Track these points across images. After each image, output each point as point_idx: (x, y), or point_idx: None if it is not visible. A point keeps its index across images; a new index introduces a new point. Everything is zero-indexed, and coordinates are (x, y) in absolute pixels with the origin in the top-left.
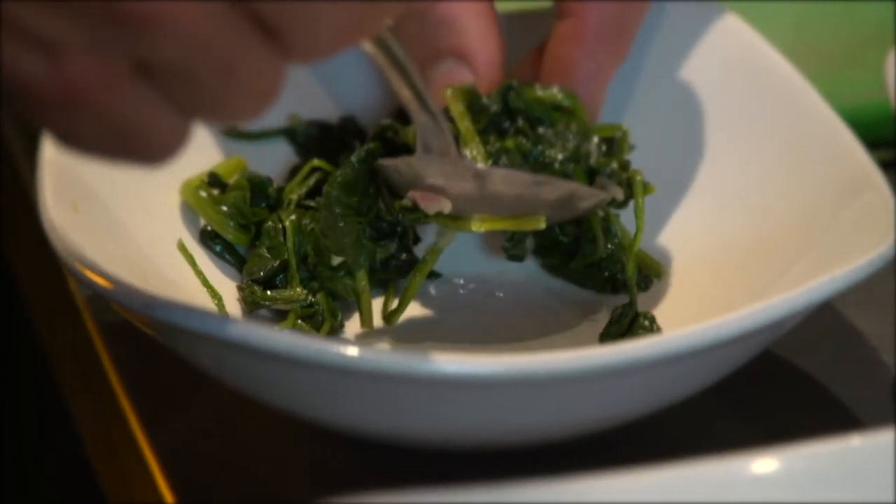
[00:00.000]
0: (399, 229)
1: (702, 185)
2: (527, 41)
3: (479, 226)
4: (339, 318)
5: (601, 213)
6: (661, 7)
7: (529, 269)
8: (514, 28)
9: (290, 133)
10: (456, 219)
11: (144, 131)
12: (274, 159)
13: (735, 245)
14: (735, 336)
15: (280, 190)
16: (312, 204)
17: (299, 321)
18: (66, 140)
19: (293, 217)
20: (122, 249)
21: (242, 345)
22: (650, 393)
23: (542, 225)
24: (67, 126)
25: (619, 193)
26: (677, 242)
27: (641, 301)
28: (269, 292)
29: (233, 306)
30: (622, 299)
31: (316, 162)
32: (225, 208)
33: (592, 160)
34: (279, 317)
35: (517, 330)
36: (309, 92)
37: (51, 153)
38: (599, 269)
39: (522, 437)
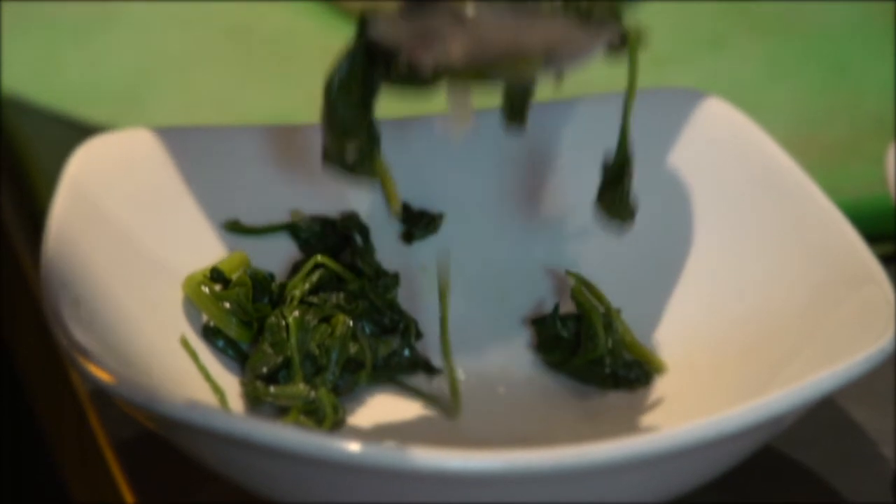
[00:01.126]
0: (401, 325)
1: (700, 277)
2: None
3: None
4: (341, 413)
5: (601, 309)
6: (659, 98)
7: (531, 365)
8: None
9: (292, 229)
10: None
11: None
12: (277, 255)
13: (734, 339)
14: (734, 432)
15: (283, 286)
16: (315, 301)
17: (301, 416)
18: None
19: (296, 313)
20: (124, 344)
21: (245, 440)
22: (648, 488)
23: (537, 66)
24: None
25: (615, 38)
26: (676, 336)
27: (641, 396)
28: (271, 388)
29: (235, 402)
30: (624, 395)
31: (319, 258)
32: (227, 305)
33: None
34: (282, 412)
35: (518, 426)
36: (311, 187)
37: (54, 245)
38: (601, 365)
39: None
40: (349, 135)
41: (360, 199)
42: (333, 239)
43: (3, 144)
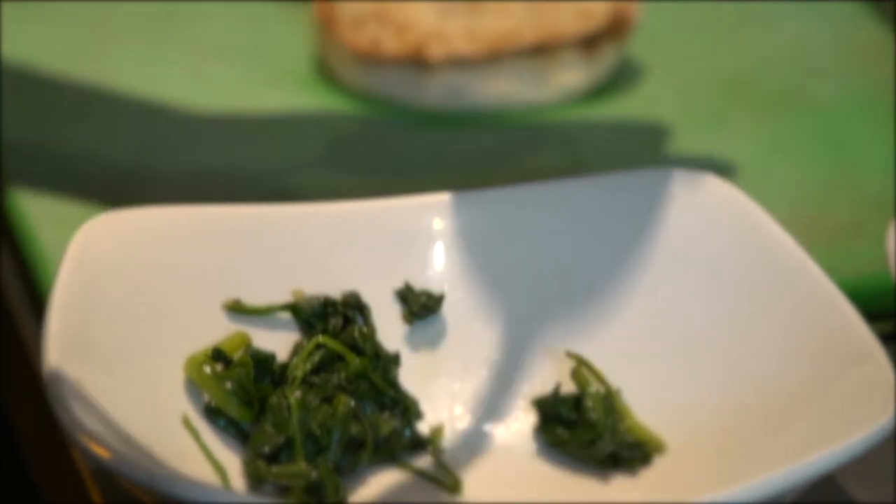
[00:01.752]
0: (401, 405)
1: (700, 355)
2: None
3: None
4: (343, 493)
5: (601, 390)
6: (660, 177)
7: (532, 444)
8: None
9: (293, 309)
10: None
11: None
12: (278, 335)
13: (733, 415)
14: None
15: (284, 366)
16: (317, 381)
17: (304, 496)
18: None
19: (298, 394)
20: (126, 422)
21: None
22: None
23: None
24: None
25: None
26: (675, 413)
27: (641, 475)
28: (273, 468)
29: (237, 481)
30: (624, 474)
31: (320, 338)
32: (229, 385)
33: None
34: (284, 492)
35: None
36: (312, 267)
37: (56, 323)
38: (601, 445)
39: None
40: None
41: (360, 280)
42: (335, 319)
43: (6, 219)
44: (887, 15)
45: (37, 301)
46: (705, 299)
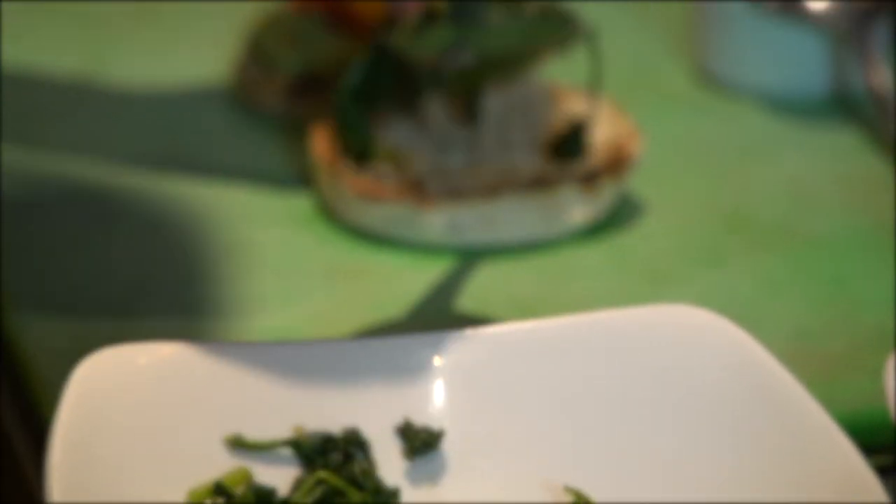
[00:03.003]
0: None
1: (697, 489)
2: None
3: None
4: None
5: None
6: (657, 315)
7: None
8: None
9: (295, 444)
10: None
11: None
12: (279, 470)
13: None
14: None
15: (285, 501)
16: None
17: None
18: None
19: None
20: None
21: None
22: None
23: None
24: None
25: None
26: None
27: None
28: None
29: None
30: None
31: (321, 474)
32: None
33: None
34: None
35: None
36: (313, 403)
37: (58, 458)
38: None
39: None
40: (355, 133)
41: (361, 415)
42: (335, 454)
43: (5, 351)
44: (887, 148)
45: (36, 434)
46: (703, 434)
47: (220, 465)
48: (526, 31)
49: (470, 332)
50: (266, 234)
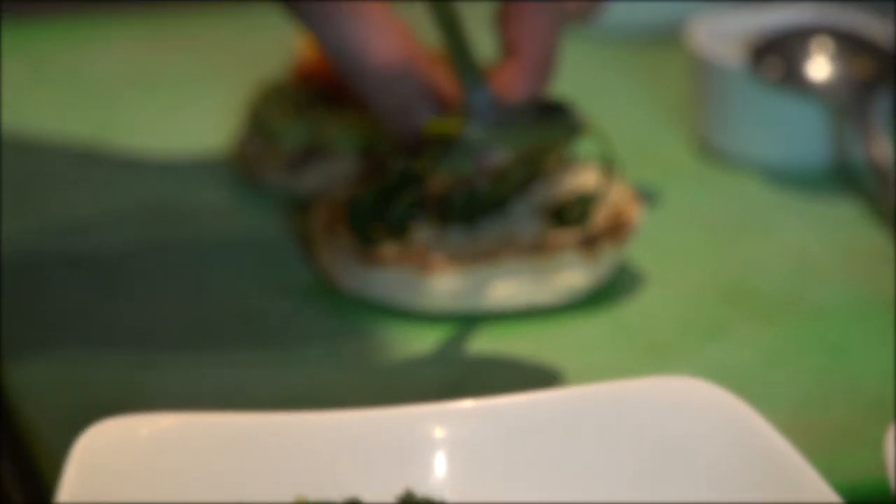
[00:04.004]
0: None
1: None
2: None
3: None
4: None
5: None
6: (658, 386)
7: None
8: None
9: None
10: None
11: None
12: None
13: None
14: None
15: None
16: None
17: None
18: None
19: None
20: None
21: None
22: None
23: None
24: None
25: None
26: None
27: None
28: None
29: None
30: None
31: None
32: None
33: None
34: None
35: None
36: (314, 473)
37: None
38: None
39: None
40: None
41: (362, 487)
42: None
43: (7, 416)
44: (887, 220)
45: (37, 500)
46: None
47: None
48: (541, 126)
49: (471, 404)
50: (267, 304)
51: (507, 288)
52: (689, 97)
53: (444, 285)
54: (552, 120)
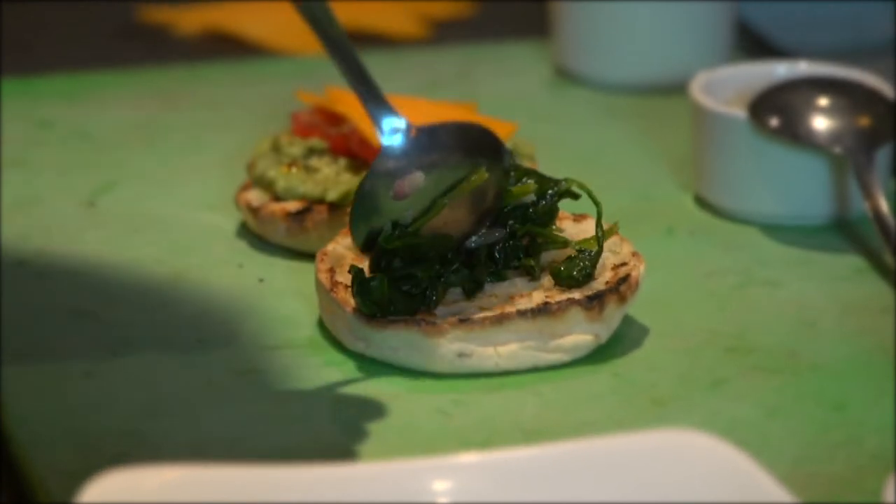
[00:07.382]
0: None
1: None
2: None
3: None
4: None
5: None
6: (660, 439)
7: None
8: None
9: None
10: None
11: None
12: None
13: None
14: None
15: None
16: None
17: None
18: None
19: None
20: None
21: None
22: None
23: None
24: None
25: None
26: None
27: None
28: None
29: None
30: None
31: None
32: None
33: None
34: None
35: None
36: None
37: None
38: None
39: None
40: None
41: None
42: None
43: (10, 472)
44: (888, 273)
45: None
46: None
47: None
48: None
49: (475, 458)
50: (271, 360)
51: (513, 349)
52: (691, 151)
53: (450, 346)
54: (477, 148)
